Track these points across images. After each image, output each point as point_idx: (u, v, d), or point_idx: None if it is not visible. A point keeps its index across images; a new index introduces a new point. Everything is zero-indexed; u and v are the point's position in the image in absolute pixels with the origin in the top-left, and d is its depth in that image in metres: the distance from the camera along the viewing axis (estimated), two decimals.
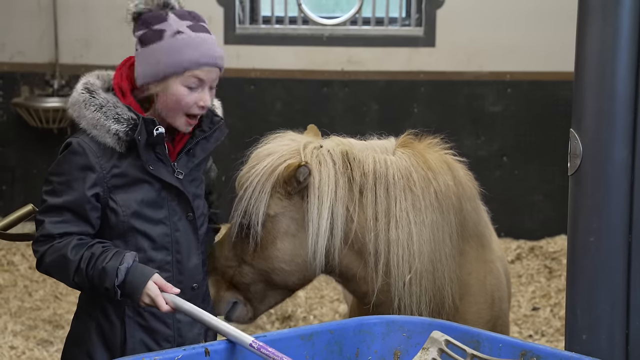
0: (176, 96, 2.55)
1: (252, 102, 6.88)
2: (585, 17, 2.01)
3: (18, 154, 6.99)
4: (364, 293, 2.82)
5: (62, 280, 2.57)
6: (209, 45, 2.57)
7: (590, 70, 2.00)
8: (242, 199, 2.76)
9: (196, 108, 2.57)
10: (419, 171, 2.76)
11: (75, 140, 2.57)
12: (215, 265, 2.83)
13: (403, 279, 2.71)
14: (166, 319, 2.64)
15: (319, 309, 5.65)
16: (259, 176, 2.75)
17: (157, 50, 2.54)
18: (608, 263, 2.01)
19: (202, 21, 2.63)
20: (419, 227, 2.71)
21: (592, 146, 1.98)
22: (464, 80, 6.81)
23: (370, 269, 2.75)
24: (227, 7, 6.85)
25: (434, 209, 2.74)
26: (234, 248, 2.81)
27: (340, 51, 6.86)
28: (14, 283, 5.94)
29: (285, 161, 2.75)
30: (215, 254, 2.85)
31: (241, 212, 2.75)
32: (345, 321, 2.43)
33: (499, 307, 2.96)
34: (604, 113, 1.96)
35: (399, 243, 2.71)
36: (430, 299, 2.74)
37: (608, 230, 1.99)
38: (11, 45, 7.00)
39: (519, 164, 6.89)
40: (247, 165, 2.83)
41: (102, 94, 2.57)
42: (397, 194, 2.72)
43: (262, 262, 2.79)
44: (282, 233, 2.76)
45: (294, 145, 2.81)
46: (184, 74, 2.53)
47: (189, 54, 2.52)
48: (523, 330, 5.38)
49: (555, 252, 6.43)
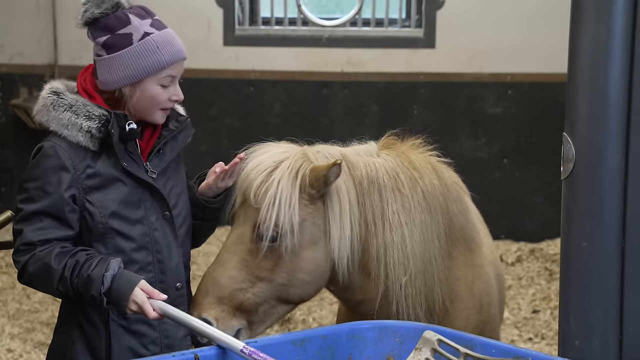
0: (152, 95, 2.60)
1: (252, 103, 6.87)
2: (578, 15, 1.99)
3: (16, 156, 6.97)
4: (358, 302, 2.79)
5: (45, 290, 2.56)
6: (174, 40, 2.63)
7: (583, 71, 1.98)
8: (269, 210, 2.59)
9: (169, 102, 2.63)
10: (405, 172, 2.74)
11: (47, 143, 2.57)
12: (219, 295, 2.59)
13: (399, 281, 2.69)
14: (151, 321, 2.62)
15: (318, 311, 5.63)
16: (282, 183, 2.61)
17: (129, 55, 2.56)
18: (601, 268, 1.99)
19: (154, 14, 2.68)
20: (410, 228, 2.70)
21: (584, 150, 1.96)
22: (464, 81, 6.79)
23: (374, 275, 2.71)
24: (227, 9, 6.84)
25: (422, 209, 2.72)
26: (245, 268, 2.61)
27: (340, 52, 6.84)
28: (12, 285, 5.93)
29: (302, 165, 2.66)
30: (215, 283, 2.61)
31: (270, 224, 2.57)
32: (338, 326, 2.42)
33: (488, 312, 2.94)
34: (597, 117, 1.94)
35: (394, 246, 2.69)
36: (423, 300, 2.73)
37: (601, 235, 1.97)
38: (10, 46, 7.00)
39: (519, 165, 6.87)
40: (253, 176, 2.66)
41: (70, 95, 2.60)
42: (388, 196, 2.70)
43: (284, 276, 2.63)
44: (307, 241, 2.64)
45: (293, 151, 2.74)
46: (159, 74, 2.58)
47: (162, 54, 2.57)
48: (523, 333, 5.36)
49: (555, 255, 6.41)
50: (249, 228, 2.64)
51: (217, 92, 6.79)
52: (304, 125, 6.56)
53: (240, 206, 2.71)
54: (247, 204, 2.67)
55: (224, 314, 2.58)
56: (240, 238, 2.65)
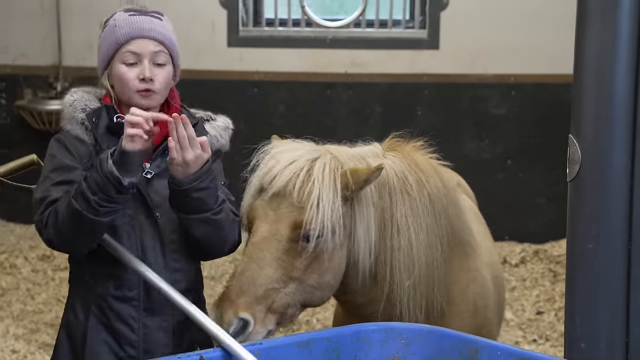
0: (119, 76, 2.62)
1: (256, 104, 6.87)
2: (584, 20, 1.99)
3: (21, 156, 6.96)
4: (358, 304, 2.78)
5: (67, 220, 2.45)
6: (142, 22, 2.64)
7: (589, 74, 1.98)
8: (315, 210, 2.52)
9: (138, 82, 2.60)
10: (412, 174, 2.73)
11: (54, 137, 2.67)
12: (256, 294, 2.48)
13: (403, 285, 2.68)
14: (132, 323, 2.62)
15: (322, 312, 5.63)
16: (325, 183, 2.55)
17: (100, 41, 2.67)
18: (607, 270, 1.98)
19: (156, 13, 2.70)
20: (416, 231, 2.68)
21: (591, 152, 1.96)
22: (468, 82, 6.79)
23: (380, 278, 2.69)
24: (231, 10, 6.84)
25: (428, 213, 2.71)
26: (280, 267, 2.53)
27: (343, 53, 6.84)
28: (17, 286, 5.93)
29: (337, 166, 2.61)
30: (251, 281, 2.50)
31: (317, 225, 2.51)
32: (343, 328, 2.42)
33: (483, 316, 2.93)
34: (603, 118, 1.94)
35: (401, 249, 2.67)
36: (424, 303, 2.72)
37: (607, 236, 1.97)
38: (14, 47, 7.01)
39: (523, 166, 6.86)
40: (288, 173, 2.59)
41: (80, 92, 2.70)
42: (397, 199, 2.69)
43: (315, 277, 2.57)
44: (338, 244, 2.58)
45: (319, 150, 2.68)
46: (119, 51, 2.61)
47: (119, 32, 2.62)
48: (527, 334, 5.35)
49: (559, 256, 6.40)
50: (285, 226, 2.55)
51: (221, 93, 6.79)
52: (308, 126, 6.55)
53: (266, 202, 2.62)
54: (280, 200, 2.59)
55: (260, 314, 2.49)
56: (274, 236, 2.55)
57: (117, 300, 2.61)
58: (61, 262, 6.27)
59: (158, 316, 2.63)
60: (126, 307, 2.61)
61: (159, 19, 2.67)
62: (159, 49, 2.63)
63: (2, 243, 6.68)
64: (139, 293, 2.61)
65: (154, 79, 2.60)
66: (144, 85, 2.60)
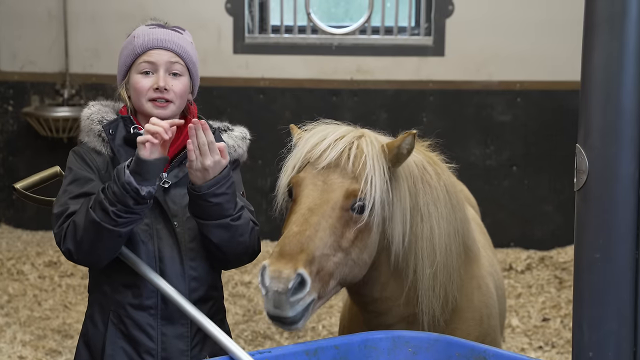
0: (134, 85, 2.66)
1: (261, 111, 6.89)
2: (591, 28, 1.99)
3: (28, 164, 7.01)
4: (374, 299, 2.74)
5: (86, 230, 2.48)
6: (160, 33, 2.68)
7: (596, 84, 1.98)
8: (371, 181, 2.51)
9: (152, 91, 2.64)
10: (430, 165, 2.75)
11: (73, 149, 2.72)
12: (314, 254, 2.40)
13: (425, 274, 2.67)
14: (150, 331, 2.63)
15: (327, 319, 5.64)
16: (375, 156, 2.55)
17: (120, 52, 2.71)
18: (615, 279, 1.98)
19: (177, 28, 2.74)
20: (438, 220, 2.68)
21: (598, 162, 1.96)
22: (473, 89, 6.80)
23: (402, 267, 2.66)
24: (237, 17, 6.87)
25: (446, 202, 2.72)
26: (333, 234, 2.47)
27: (349, 60, 6.86)
28: (24, 292, 5.95)
29: (378, 141, 2.60)
30: (310, 240, 2.42)
31: (372, 196, 2.49)
32: (351, 336, 2.43)
33: (488, 324, 2.93)
34: (610, 128, 1.94)
35: (424, 237, 2.66)
36: (442, 294, 2.72)
37: (615, 246, 1.97)
38: (22, 54, 7.04)
39: (528, 173, 6.87)
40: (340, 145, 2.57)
41: (98, 106, 2.73)
42: (419, 187, 2.68)
43: (356, 251, 2.52)
44: (380, 219, 2.56)
45: (357, 130, 2.69)
46: (136, 61, 2.66)
47: (137, 42, 2.66)
48: (533, 341, 5.35)
49: (565, 263, 6.40)
50: (339, 195, 2.51)
51: (227, 99, 6.81)
52: None
53: (315, 173, 2.59)
54: (330, 171, 2.57)
55: (312, 276, 2.39)
56: (328, 203, 2.51)
57: (135, 309, 2.62)
58: (68, 268, 6.29)
59: (176, 324, 2.64)
60: (144, 316, 2.62)
61: (179, 32, 2.72)
62: (175, 59, 2.66)
63: (10, 249, 6.70)
64: (157, 301, 2.62)
65: (169, 88, 2.63)
66: (158, 94, 2.63)
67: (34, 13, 6.96)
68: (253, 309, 5.75)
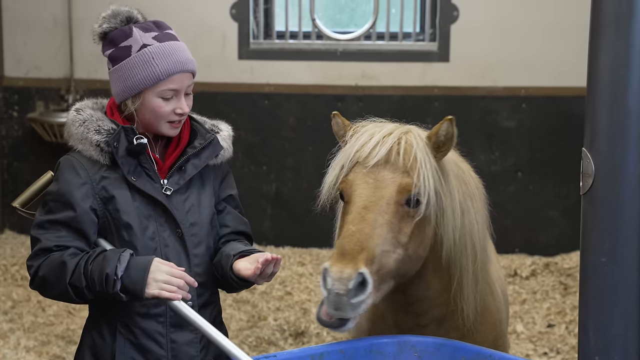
0: (153, 108, 2.61)
1: (266, 116, 6.89)
2: (597, 30, 1.98)
3: (33, 169, 7.01)
4: (417, 298, 2.70)
5: (54, 287, 2.54)
6: (176, 52, 2.61)
7: (603, 86, 1.97)
8: (424, 175, 2.50)
9: (174, 115, 2.62)
10: (461, 162, 2.76)
11: (64, 158, 2.65)
12: (374, 252, 2.39)
13: (469, 272, 2.65)
14: (159, 338, 2.63)
15: None
16: (423, 150, 2.54)
17: (127, 66, 2.60)
18: (621, 283, 1.98)
19: (167, 29, 2.68)
20: (475, 215, 2.68)
21: (604, 165, 1.95)
22: (479, 95, 6.79)
23: (447, 264, 2.63)
24: (242, 22, 6.87)
25: (479, 197, 2.73)
26: (392, 231, 2.46)
27: (354, 66, 6.86)
28: (28, 298, 5.95)
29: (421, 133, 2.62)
30: (369, 239, 2.40)
31: (425, 190, 2.48)
32: (356, 341, 2.42)
33: (500, 328, 2.94)
34: (617, 132, 1.93)
35: (466, 232, 2.64)
36: (479, 292, 2.71)
37: (621, 250, 1.96)
38: (27, 60, 7.05)
39: (533, 179, 6.85)
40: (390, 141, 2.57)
41: (89, 110, 2.65)
42: (457, 182, 2.67)
43: (413, 246, 2.50)
44: (431, 214, 2.55)
45: (402, 126, 2.70)
46: (157, 85, 2.59)
47: (158, 65, 2.58)
48: (538, 347, 5.33)
49: (570, 269, 6.38)
50: (392, 190, 2.50)
51: (232, 105, 6.81)
52: (319, 138, 6.57)
53: (365, 172, 2.57)
54: (380, 169, 2.55)
55: (374, 276, 2.38)
56: (382, 199, 2.48)
57: (143, 318, 2.61)
58: None
59: (185, 330, 2.63)
60: (153, 324, 2.62)
61: (176, 37, 2.68)
62: (191, 81, 2.66)
63: (14, 255, 6.70)
64: (165, 308, 2.61)
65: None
66: (179, 117, 2.63)
67: (39, 19, 6.97)
68: (257, 315, 5.74)
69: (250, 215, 2.74)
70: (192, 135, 2.72)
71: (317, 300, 5.91)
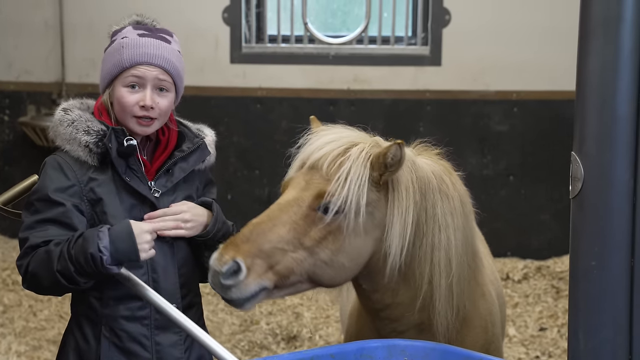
0: (118, 98, 2.61)
1: (259, 120, 6.89)
2: (586, 34, 1.98)
3: (24, 173, 6.95)
4: (385, 305, 2.74)
5: (45, 278, 2.51)
6: (150, 46, 2.61)
7: (591, 90, 1.97)
8: (341, 184, 2.54)
9: (138, 109, 2.60)
10: (446, 175, 2.74)
11: (50, 157, 2.64)
12: (261, 247, 2.49)
13: (441, 285, 2.67)
14: (144, 341, 2.62)
15: (324, 329, 5.62)
16: (357, 162, 2.58)
17: (105, 56, 2.65)
18: (610, 287, 1.97)
19: (165, 34, 2.67)
20: (454, 230, 2.68)
21: (593, 169, 1.95)
22: (470, 99, 6.81)
23: (417, 277, 2.66)
24: (234, 26, 6.87)
25: (461, 212, 2.72)
26: (294, 230, 2.53)
27: (346, 70, 6.87)
28: (19, 303, 5.93)
29: (374, 151, 2.62)
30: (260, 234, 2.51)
31: (339, 199, 2.52)
32: (346, 345, 2.42)
33: (492, 331, 2.93)
34: (605, 136, 1.93)
35: (442, 247, 2.66)
36: (455, 305, 2.72)
37: (610, 254, 1.96)
38: (18, 64, 7.04)
39: (525, 183, 6.87)
40: (328, 149, 2.63)
41: (77, 111, 2.64)
42: (437, 197, 2.68)
43: (327, 253, 2.55)
44: (362, 228, 2.56)
45: (366, 137, 2.73)
46: (123, 74, 2.59)
47: (125, 53, 2.59)
48: (530, 350, 5.34)
49: (562, 272, 6.39)
50: (311, 194, 2.57)
51: (224, 109, 6.81)
52: None
53: (301, 173, 2.66)
54: (313, 172, 2.63)
55: (259, 268, 2.48)
56: (297, 201, 2.57)
57: (127, 321, 2.61)
58: None
59: (169, 332, 2.63)
60: (138, 327, 2.61)
61: (168, 41, 2.65)
62: (163, 77, 2.62)
63: (5, 260, 6.68)
64: (150, 311, 2.61)
65: (155, 106, 2.60)
66: (143, 112, 2.60)
67: (30, 23, 6.96)
68: (250, 319, 5.73)
69: (242, 219, 2.74)
70: (180, 139, 2.72)
71: (309, 304, 5.91)
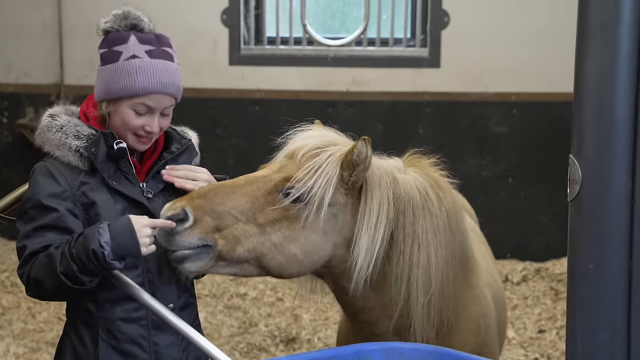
0: (123, 118, 2.60)
1: (257, 122, 6.89)
2: (584, 37, 1.98)
3: (22, 175, 6.94)
4: (358, 309, 2.77)
5: (48, 282, 2.49)
6: (162, 73, 2.59)
7: (589, 93, 1.97)
8: (309, 173, 2.59)
9: (142, 131, 2.61)
10: (433, 190, 2.74)
11: (40, 164, 2.63)
12: (214, 206, 2.54)
13: (419, 302, 2.67)
14: (142, 342, 2.61)
15: (323, 330, 5.62)
16: (331, 159, 2.62)
17: (111, 71, 2.59)
18: (608, 290, 1.97)
19: (167, 46, 2.66)
20: (435, 248, 2.68)
21: (591, 172, 1.95)
22: (469, 101, 6.81)
23: (393, 292, 2.68)
24: (232, 28, 6.87)
25: (446, 229, 2.71)
26: (252, 203, 2.57)
27: (345, 72, 6.87)
28: (18, 305, 5.93)
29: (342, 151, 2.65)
30: (218, 194, 2.56)
31: (303, 187, 2.56)
32: (344, 348, 2.41)
33: (485, 334, 2.92)
34: (603, 139, 1.93)
35: (420, 265, 2.66)
36: (437, 320, 2.72)
37: (608, 256, 1.96)
38: (16, 66, 7.04)
39: (524, 185, 6.86)
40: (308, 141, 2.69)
41: (64, 116, 2.64)
42: (419, 215, 2.68)
43: (278, 236, 2.58)
44: (321, 225, 2.59)
45: (349, 142, 2.75)
46: (133, 99, 2.58)
47: (139, 80, 2.56)
48: (529, 352, 5.34)
49: (561, 274, 6.39)
50: (279, 176, 2.61)
51: (223, 111, 6.81)
52: None
53: (279, 159, 2.73)
54: (289, 160, 2.68)
55: (205, 223, 2.52)
56: (264, 178, 2.62)
57: (125, 322, 2.60)
58: None
59: (167, 333, 2.63)
60: (135, 328, 2.61)
61: (171, 56, 2.64)
62: (171, 102, 2.64)
63: (3, 262, 6.67)
64: (146, 312, 2.60)
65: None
66: (144, 134, 2.61)
67: (29, 24, 6.96)
68: (248, 321, 5.73)
69: None
70: (168, 140, 2.73)
71: (308, 306, 5.90)
